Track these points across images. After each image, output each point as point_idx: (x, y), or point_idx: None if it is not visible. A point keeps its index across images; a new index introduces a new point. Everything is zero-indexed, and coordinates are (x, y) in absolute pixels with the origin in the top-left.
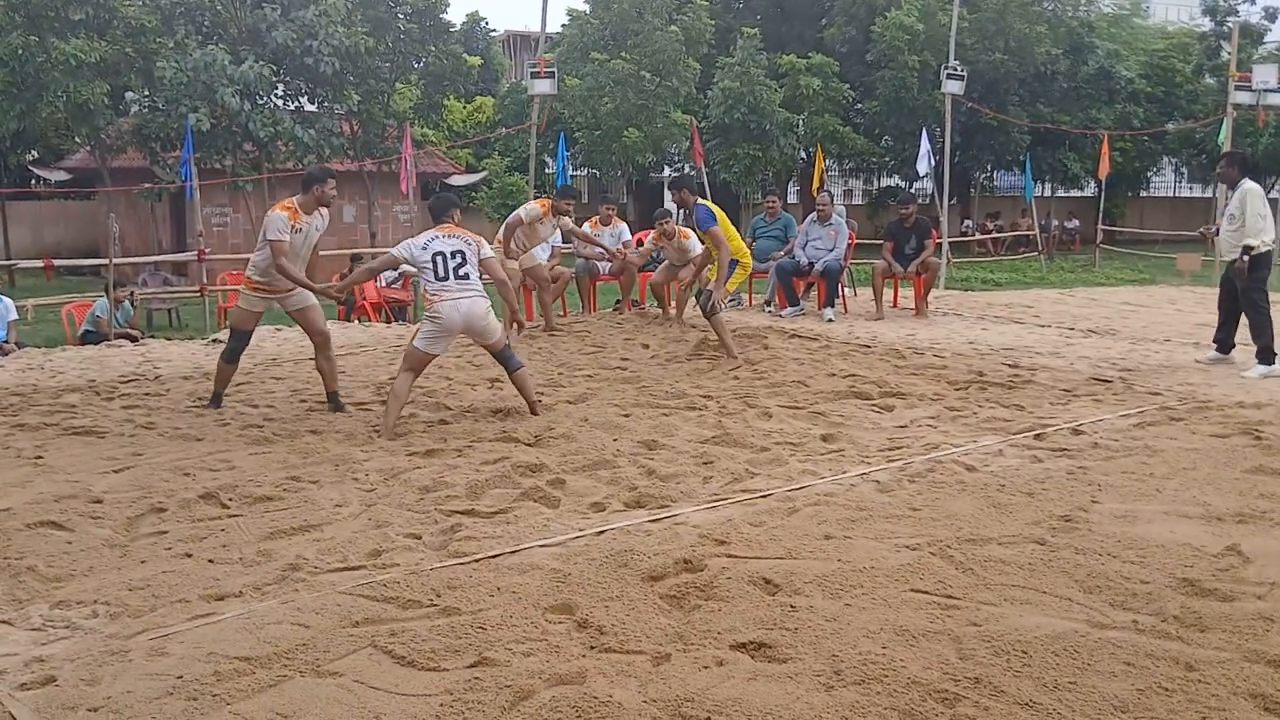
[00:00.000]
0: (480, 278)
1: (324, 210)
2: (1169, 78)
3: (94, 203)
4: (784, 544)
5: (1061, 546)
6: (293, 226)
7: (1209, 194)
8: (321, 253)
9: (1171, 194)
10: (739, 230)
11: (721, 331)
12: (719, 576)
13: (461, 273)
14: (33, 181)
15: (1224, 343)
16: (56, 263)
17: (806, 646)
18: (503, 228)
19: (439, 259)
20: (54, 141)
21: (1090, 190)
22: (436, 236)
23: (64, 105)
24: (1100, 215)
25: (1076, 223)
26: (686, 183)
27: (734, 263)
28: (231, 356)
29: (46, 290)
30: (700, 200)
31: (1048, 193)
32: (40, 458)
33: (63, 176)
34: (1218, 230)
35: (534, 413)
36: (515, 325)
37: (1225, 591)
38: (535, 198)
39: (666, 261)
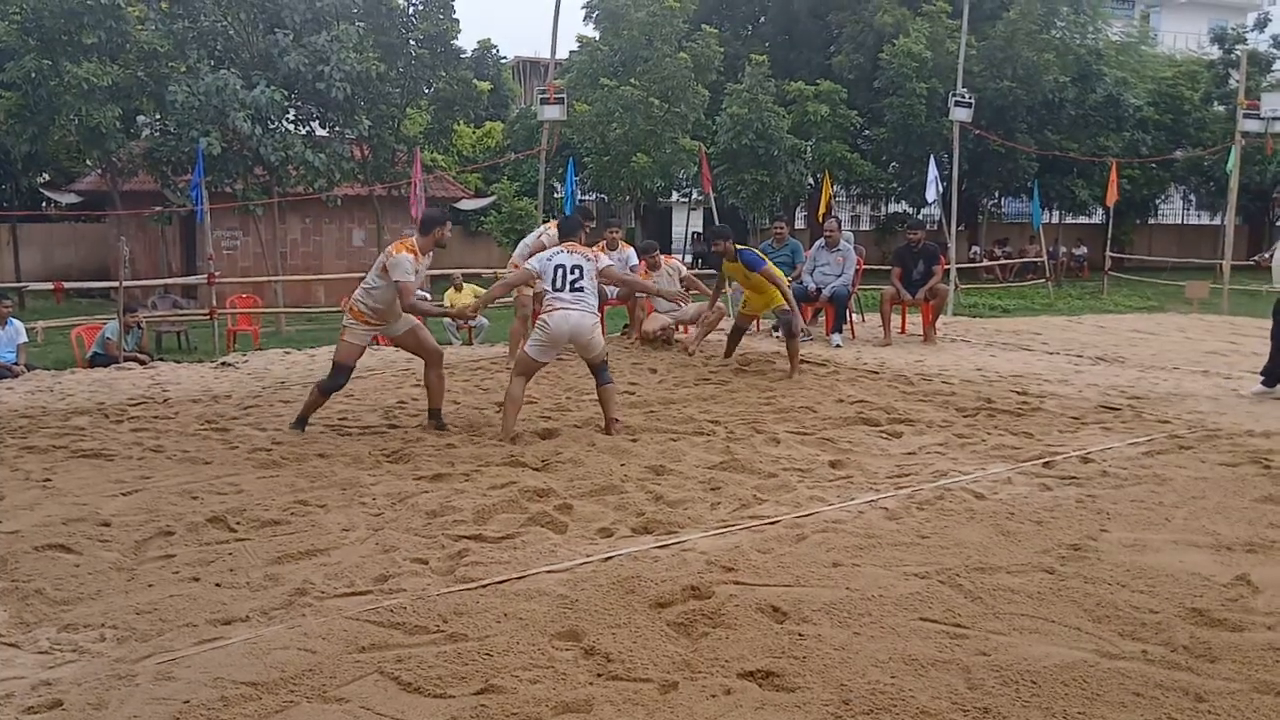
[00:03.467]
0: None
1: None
2: (1177, 105)
3: (105, 225)
4: (792, 571)
5: (1070, 575)
6: (415, 268)
7: (1217, 221)
8: (331, 276)
9: (1180, 221)
10: None
11: (795, 355)
12: (726, 604)
13: (577, 286)
14: (44, 204)
15: (1272, 374)
16: (66, 285)
17: (815, 675)
18: (520, 248)
19: (559, 271)
20: (65, 164)
21: (1098, 217)
22: (561, 251)
23: (76, 128)
24: (1108, 242)
25: (1085, 249)
26: (723, 233)
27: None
28: (329, 390)
29: (56, 312)
30: (739, 245)
31: (1056, 219)
32: (49, 480)
33: (74, 199)
34: (1271, 256)
35: (609, 431)
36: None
37: (1235, 622)
38: (544, 221)
39: (651, 314)
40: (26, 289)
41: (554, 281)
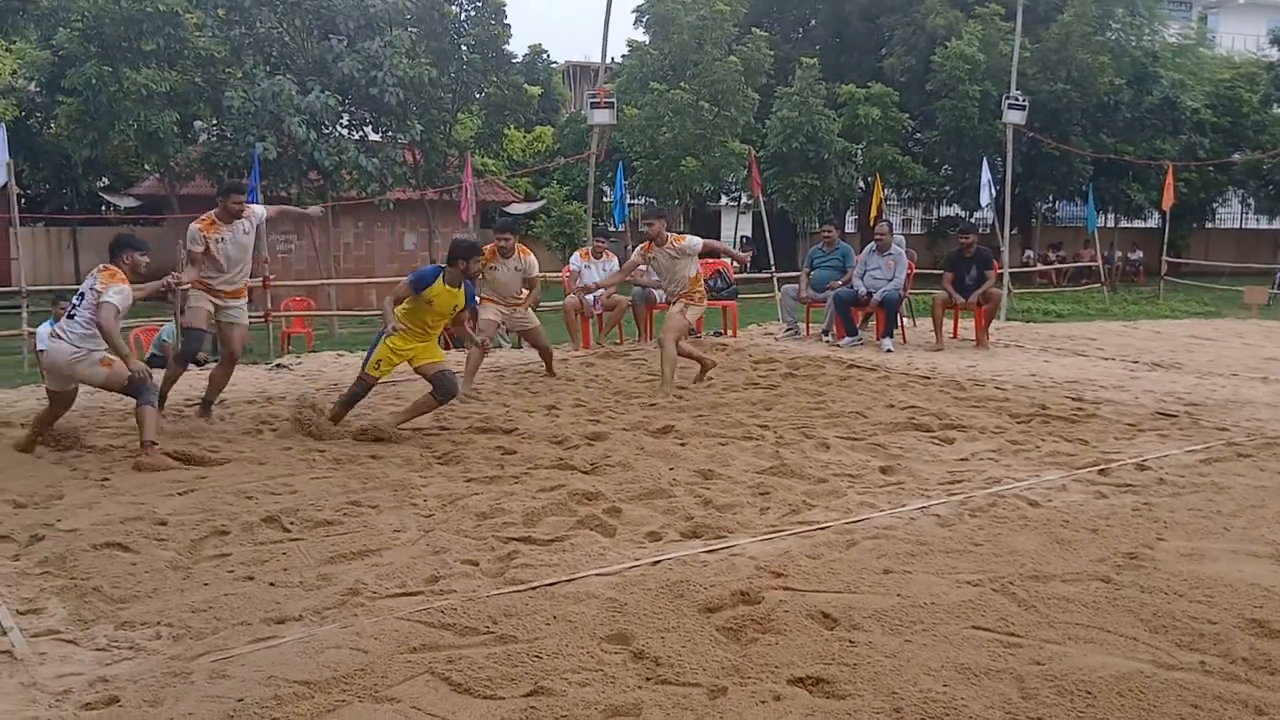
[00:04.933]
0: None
1: (241, 222)
2: (1235, 108)
3: (162, 229)
4: (842, 577)
5: (1127, 585)
6: (208, 238)
7: (1276, 225)
8: (383, 279)
9: (1238, 225)
10: (796, 260)
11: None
12: (776, 609)
13: (72, 313)
14: (103, 208)
15: None
16: None
17: (865, 683)
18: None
19: (76, 296)
20: (124, 169)
21: (1154, 221)
22: (93, 273)
23: (135, 134)
24: (1165, 246)
25: (1140, 254)
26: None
27: None
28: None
29: None
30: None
31: (1111, 223)
32: (107, 480)
33: (132, 203)
34: None
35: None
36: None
37: None
38: (594, 225)
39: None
40: None
41: (69, 308)
